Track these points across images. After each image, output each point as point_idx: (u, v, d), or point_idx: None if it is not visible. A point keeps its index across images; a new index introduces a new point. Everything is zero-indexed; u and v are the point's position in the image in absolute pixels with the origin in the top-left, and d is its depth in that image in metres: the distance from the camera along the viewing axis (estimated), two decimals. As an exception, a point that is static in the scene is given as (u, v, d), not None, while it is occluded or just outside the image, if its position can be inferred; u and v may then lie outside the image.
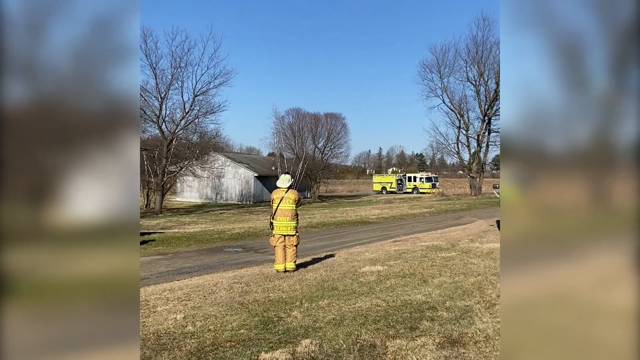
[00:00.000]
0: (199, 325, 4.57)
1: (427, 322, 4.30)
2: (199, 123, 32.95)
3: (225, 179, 42.20)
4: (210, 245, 14.32)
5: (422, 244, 10.70)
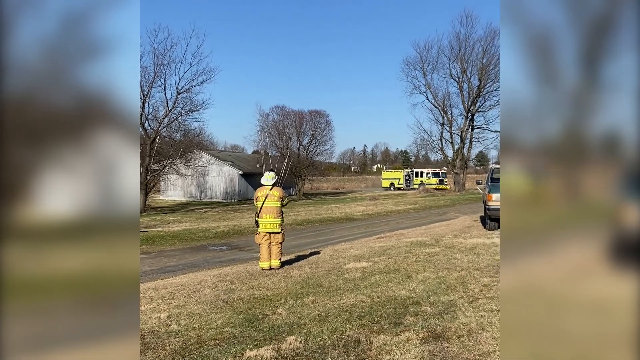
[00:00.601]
0: (183, 324, 4.54)
1: (411, 317, 4.34)
2: (182, 121, 32.63)
3: (210, 177, 41.90)
4: (194, 244, 14.21)
5: (407, 240, 10.78)
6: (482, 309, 4.47)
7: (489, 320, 4.09)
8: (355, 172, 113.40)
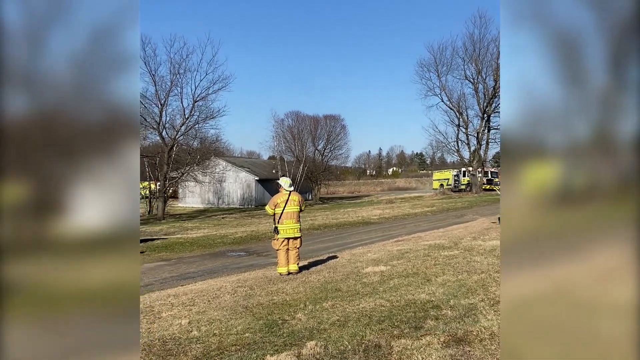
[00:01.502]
0: (204, 330, 4.58)
1: (432, 321, 4.31)
2: (199, 128, 33.04)
3: (227, 183, 42.25)
4: (213, 250, 14.33)
5: (425, 243, 10.70)
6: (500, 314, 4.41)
7: (511, 323, 4.03)
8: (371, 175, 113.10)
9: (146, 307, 5.83)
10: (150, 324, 4.93)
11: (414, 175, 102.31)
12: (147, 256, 13.19)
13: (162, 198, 30.92)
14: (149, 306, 5.91)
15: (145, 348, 4.11)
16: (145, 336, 4.46)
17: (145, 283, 9.06)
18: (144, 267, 11.17)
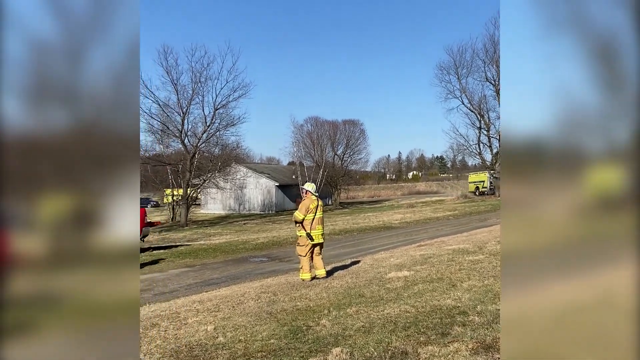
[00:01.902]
0: (230, 336, 4.61)
1: (459, 327, 4.24)
2: (220, 136, 33.52)
3: (247, 189, 42.61)
4: (235, 256, 14.45)
5: (448, 248, 10.57)
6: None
7: (541, 329, 3.94)
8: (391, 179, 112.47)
9: (172, 313, 5.90)
10: (176, 330, 4.99)
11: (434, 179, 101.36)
12: (172, 262, 13.38)
13: (184, 205, 31.36)
14: (175, 312, 5.98)
15: (173, 354, 4.16)
16: (173, 342, 4.51)
17: (170, 289, 9.19)
18: (169, 273, 11.34)
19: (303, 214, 7.78)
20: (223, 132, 33.29)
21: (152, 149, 34.27)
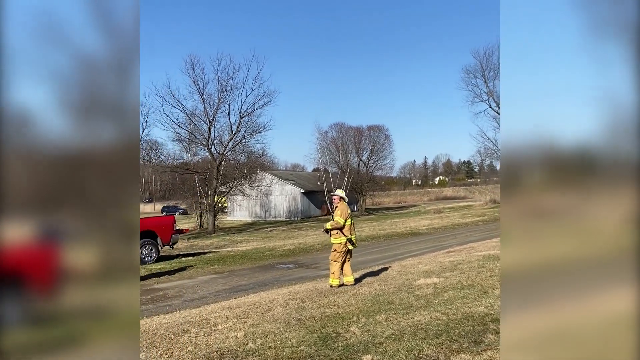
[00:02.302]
0: (260, 343, 4.63)
1: (492, 335, 4.15)
2: (245, 143, 33.85)
3: (273, 196, 42.89)
4: (262, 263, 14.53)
5: (478, 254, 10.37)
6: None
7: (579, 338, 3.82)
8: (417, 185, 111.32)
9: (202, 320, 5.97)
10: (207, 337, 5.04)
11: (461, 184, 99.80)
12: (200, 269, 13.55)
13: (212, 212, 31.79)
14: (205, 319, 6.05)
15: (204, 360, 4.20)
16: (204, 348, 4.56)
17: (200, 296, 9.31)
18: (198, 280, 11.49)
19: (344, 220, 7.79)
20: (249, 139, 33.64)
21: (180, 157, 34.95)
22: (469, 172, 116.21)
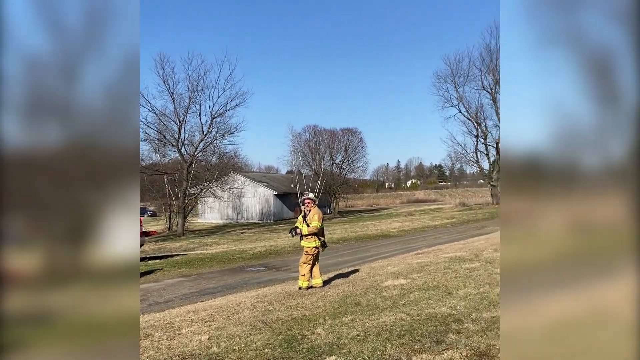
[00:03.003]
0: (224, 346, 4.57)
1: (453, 335, 4.22)
2: (217, 144, 33.50)
3: (245, 198, 42.53)
4: (232, 265, 14.38)
5: (445, 256, 10.54)
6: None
7: (536, 337, 3.92)
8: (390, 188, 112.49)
9: (166, 324, 5.86)
10: (170, 341, 4.95)
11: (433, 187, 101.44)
12: (167, 272, 13.30)
13: (181, 214, 31.27)
14: (169, 322, 5.94)
15: (165, 364, 4.12)
16: (165, 352, 4.47)
17: (165, 299, 9.13)
18: (164, 283, 11.26)
19: (321, 223, 7.96)
20: (220, 140, 33.31)
21: (149, 158, 34.26)
22: (440, 176, 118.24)
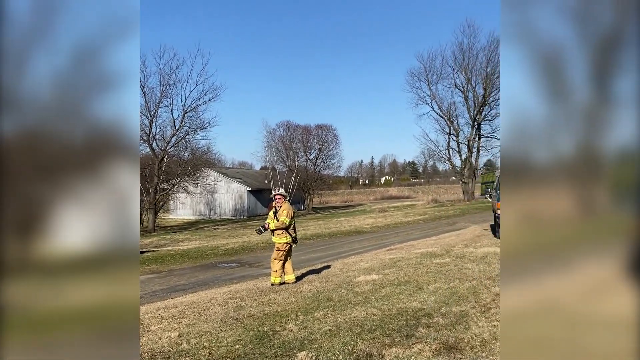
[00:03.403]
0: (194, 343, 4.52)
1: (423, 329, 4.29)
2: (189, 139, 32.91)
3: (219, 194, 42.03)
4: (204, 262, 14.20)
5: (417, 251, 10.70)
6: (495, 318, 4.41)
7: (503, 330, 4.02)
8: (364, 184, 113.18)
9: (135, 321, 5.74)
10: (139, 338, 4.85)
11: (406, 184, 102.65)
12: (138, 269, 13.05)
13: (152, 210, 30.67)
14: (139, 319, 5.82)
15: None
16: (134, 350, 4.39)
17: (136, 296, 8.95)
18: (134, 280, 11.04)
19: (289, 219, 7.92)
20: (193, 135, 32.71)
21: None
22: (414, 173, 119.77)
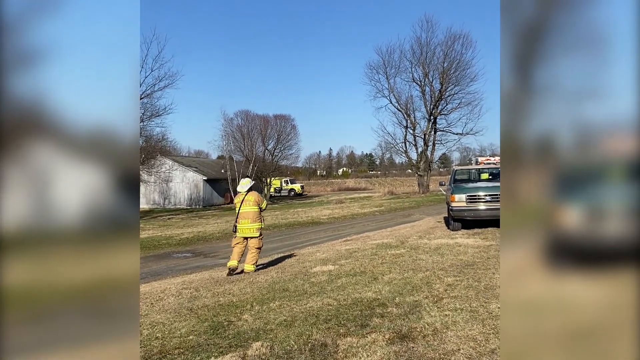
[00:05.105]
0: (146, 334, 4.40)
1: (377, 318, 4.37)
2: (144, 127, 31.80)
3: (173, 183, 41.02)
4: (157, 252, 13.86)
5: (373, 242, 10.88)
6: (447, 308, 4.55)
7: (454, 319, 4.16)
8: (321, 176, 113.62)
9: (83, 312, 5.53)
10: (86, 330, 4.68)
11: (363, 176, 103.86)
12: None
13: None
14: (86, 311, 5.61)
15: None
16: (81, 343, 4.22)
17: (83, 287, 8.62)
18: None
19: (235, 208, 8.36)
20: (147, 122, 31.67)
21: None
22: (371, 165, 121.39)
